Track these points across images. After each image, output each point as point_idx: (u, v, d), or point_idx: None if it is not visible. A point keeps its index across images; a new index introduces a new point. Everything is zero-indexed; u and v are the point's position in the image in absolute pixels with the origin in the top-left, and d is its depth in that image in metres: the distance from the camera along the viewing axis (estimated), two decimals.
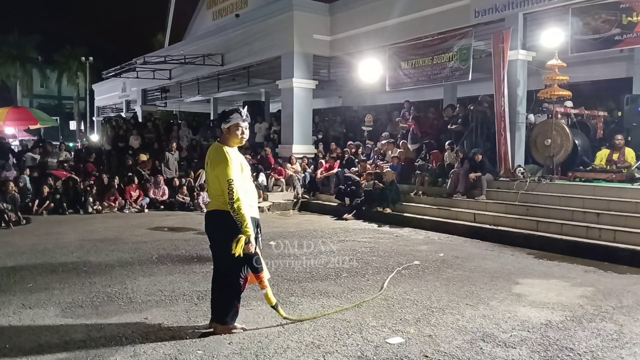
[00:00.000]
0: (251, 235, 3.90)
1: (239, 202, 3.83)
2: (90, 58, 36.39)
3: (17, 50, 41.87)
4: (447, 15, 12.04)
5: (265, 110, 20.51)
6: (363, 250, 7.94)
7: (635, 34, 9.14)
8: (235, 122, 4.03)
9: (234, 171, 3.89)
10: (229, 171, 3.86)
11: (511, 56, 10.75)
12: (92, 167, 14.81)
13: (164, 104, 24.82)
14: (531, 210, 9.26)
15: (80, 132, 41.54)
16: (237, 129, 4.05)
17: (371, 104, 19.69)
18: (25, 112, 20.77)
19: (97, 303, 5.05)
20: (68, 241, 8.54)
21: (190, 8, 22.83)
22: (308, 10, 15.02)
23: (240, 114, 4.06)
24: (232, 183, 3.84)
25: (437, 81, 12.87)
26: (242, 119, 4.06)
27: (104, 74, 23.44)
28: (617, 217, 8.10)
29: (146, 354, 3.75)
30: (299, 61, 14.91)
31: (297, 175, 14.05)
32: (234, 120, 4.03)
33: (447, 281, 6.01)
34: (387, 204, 11.29)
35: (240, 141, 4.11)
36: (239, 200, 3.84)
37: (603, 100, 12.27)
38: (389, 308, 4.93)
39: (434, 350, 3.89)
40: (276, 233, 9.40)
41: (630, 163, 9.50)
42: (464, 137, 12.11)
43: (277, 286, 5.66)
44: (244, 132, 4.09)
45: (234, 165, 3.92)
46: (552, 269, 6.82)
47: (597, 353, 3.89)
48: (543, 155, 10.22)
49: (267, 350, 3.83)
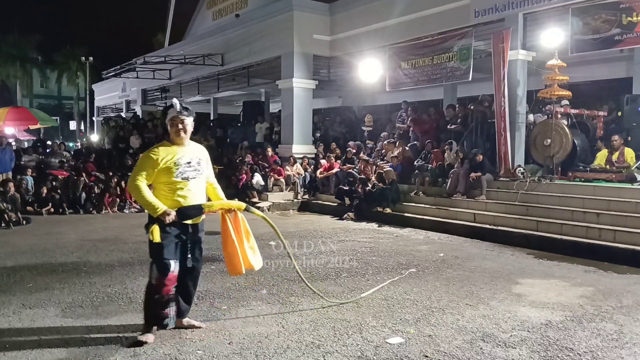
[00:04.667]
0: (161, 209, 3.87)
1: (134, 192, 3.93)
2: (90, 58, 36.38)
3: (17, 50, 41.83)
4: (447, 15, 12.04)
5: (265, 110, 20.50)
6: (363, 250, 7.94)
7: (635, 34, 9.14)
8: (170, 116, 4.07)
9: (140, 171, 3.95)
10: (135, 170, 4.01)
11: (511, 56, 10.74)
12: (92, 167, 14.80)
13: (164, 104, 24.80)
14: (531, 210, 9.26)
15: (80, 132, 41.52)
16: (172, 124, 4.07)
17: (371, 104, 19.66)
18: (25, 112, 20.76)
19: (97, 303, 5.05)
20: (68, 241, 8.54)
21: (190, 8, 22.82)
22: (308, 10, 15.02)
23: (175, 107, 4.06)
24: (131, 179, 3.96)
25: (437, 81, 12.86)
26: (176, 112, 4.04)
27: (104, 74, 23.44)
28: (617, 217, 8.10)
29: (146, 354, 3.75)
30: (299, 61, 14.90)
31: (297, 175, 14.04)
32: (169, 115, 4.07)
33: (447, 281, 6.01)
34: (387, 204, 11.29)
35: (178, 134, 4.07)
36: (133, 189, 3.94)
37: (603, 100, 12.24)
38: (389, 308, 4.93)
39: (434, 350, 3.89)
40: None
41: (629, 163, 9.50)
42: (464, 137, 12.12)
43: (277, 286, 5.67)
44: (179, 126, 4.05)
45: (146, 164, 3.97)
46: (552, 269, 6.82)
47: (597, 353, 3.89)
48: (543, 155, 10.22)
49: (267, 350, 3.83)
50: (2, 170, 12.81)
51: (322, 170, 13.94)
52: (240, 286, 5.66)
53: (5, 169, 12.90)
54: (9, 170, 12.96)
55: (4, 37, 41.43)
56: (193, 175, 4.05)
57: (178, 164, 3.99)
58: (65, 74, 43.65)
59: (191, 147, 4.17)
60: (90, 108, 36.20)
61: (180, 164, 4.00)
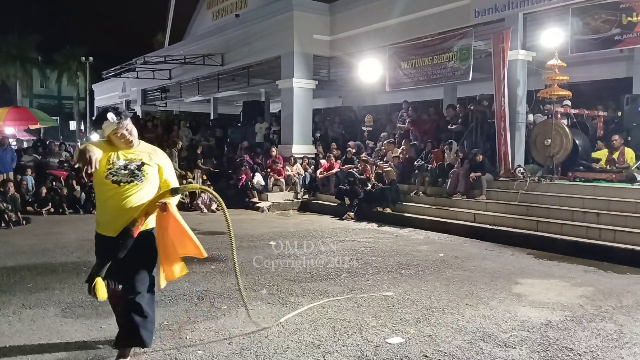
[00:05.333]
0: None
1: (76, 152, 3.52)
2: (90, 58, 36.34)
3: (17, 50, 41.84)
4: (447, 15, 12.04)
5: (265, 110, 20.50)
6: (363, 250, 7.94)
7: (635, 34, 9.14)
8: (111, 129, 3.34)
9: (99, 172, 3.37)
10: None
11: (511, 56, 10.74)
12: None
13: (164, 104, 24.81)
14: (531, 210, 9.26)
15: (80, 132, 41.50)
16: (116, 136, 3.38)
17: (371, 104, 19.67)
18: (25, 112, 20.76)
19: (97, 303, 5.02)
20: (68, 241, 8.53)
21: (190, 8, 22.82)
22: (308, 10, 15.02)
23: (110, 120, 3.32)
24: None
25: (437, 81, 12.87)
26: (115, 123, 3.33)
27: (104, 74, 23.43)
28: (617, 217, 8.10)
29: (146, 354, 3.75)
30: (299, 61, 14.90)
31: (297, 175, 14.04)
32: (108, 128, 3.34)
33: (447, 281, 6.01)
34: (387, 203, 11.29)
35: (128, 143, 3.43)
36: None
37: (603, 100, 12.25)
38: (389, 308, 4.93)
39: (434, 350, 3.89)
40: (276, 233, 9.39)
41: (629, 163, 9.50)
42: (464, 137, 12.11)
43: (277, 286, 5.67)
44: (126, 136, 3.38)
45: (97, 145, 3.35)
46: (552, 269, 6.82)
47: (597, 353, 3.89)
48: (543, 155, 10.22)
49: (267, 350, 3.83)
50: (3, 170, 12.81)
51: (322, 170, 13.94)
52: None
53: (6, 169, 12.90)
54: (9, 170, 12.97)
55: (4, 37, 41.45)
56: (127, 179, 3.34)
57: (112, 162, 3.36)
58: (65, 74, 43.66)
59: (139, 148, 3.49)
60: (90, 108, 36.18)
61: (114, 162, 3.36)
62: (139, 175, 3.37)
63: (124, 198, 3.34)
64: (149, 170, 3.43)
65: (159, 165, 3.49)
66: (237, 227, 10.07)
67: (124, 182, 3.33)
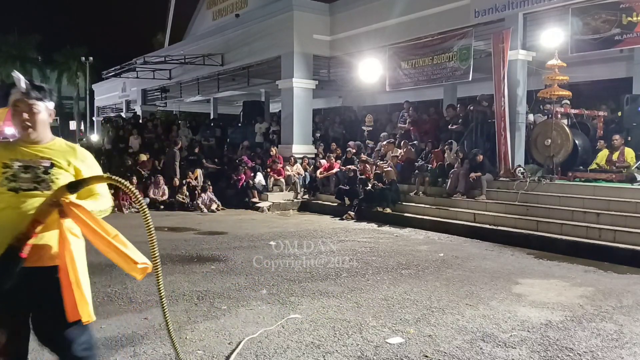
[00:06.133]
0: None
1: None
2: (90, 58, 36.38)
3: (17, 50, 41.86)
4: (447, 15, 12.05)
5: (265, 110, 20.51)
6: (363, 250, 7.94)
7: (635, 34, 9.14)
8: (13, 99, 2.54)
9: None
10: None
11: (511, 56, 10.75)
12: None
13: (164, 104, 24.82)
14: (531, 210, 9.26)
15: (80, 132, 41.51)
16: (15, 111, 2.57)
17: (371, 104, 19.68)
18: None
19: (97, 303, 5.01)
20: None
21: (190, 8, 22.83)
22: (308, 10, 15.03)
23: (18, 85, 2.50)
24: None
25: (437, 81, 12.88)
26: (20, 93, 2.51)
27: (104, 74, 23.44)
28: (617, 217, 8.10)
29: (146, 354, 3.75)
30: (299, 61, 14.91)
31: (297, 175, 14.04)
32: (11, 97, 2.54)
33: (447, 281, 6.01)
34: (387, 204, 11.29)
35: (24, 128, 2.58)
36: None
37: (603, 100, 12.24)
38: (389, 308, 4.93)
39: (434, 350, 3.89)
40: (276, 233, 9.40)
41: (629, 163, 9.50)
42: (464, 137, 12.11)
43: (277, 286, 5.67)
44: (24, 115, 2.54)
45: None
46: (552, 269, 6.82)
47: (597, 353, 3.89)
48: (543, 155, 10.22)
49: (267, 350, 3.83)
50: None
51: (322, 170, 13.95)
52: (240, 286, 5.66)
53: None
54: None
55: (4, 37, 41.46)
56: (28, 186, 2.44)
57: (9, 166, 2.49)
58: (65, 74, 43.70)
59: (51, 144, 2.61)
60: (90, 108, 36.22)
61: (12, 166, 2.49)
62: (45, 180, 2.47)
63: (24, 211, 2.39)
64: (61, 174, 2.51)
65: (77, 169, 2.57)
66: (237, 227, 10.09)
67: (24, 190, 2.43)
